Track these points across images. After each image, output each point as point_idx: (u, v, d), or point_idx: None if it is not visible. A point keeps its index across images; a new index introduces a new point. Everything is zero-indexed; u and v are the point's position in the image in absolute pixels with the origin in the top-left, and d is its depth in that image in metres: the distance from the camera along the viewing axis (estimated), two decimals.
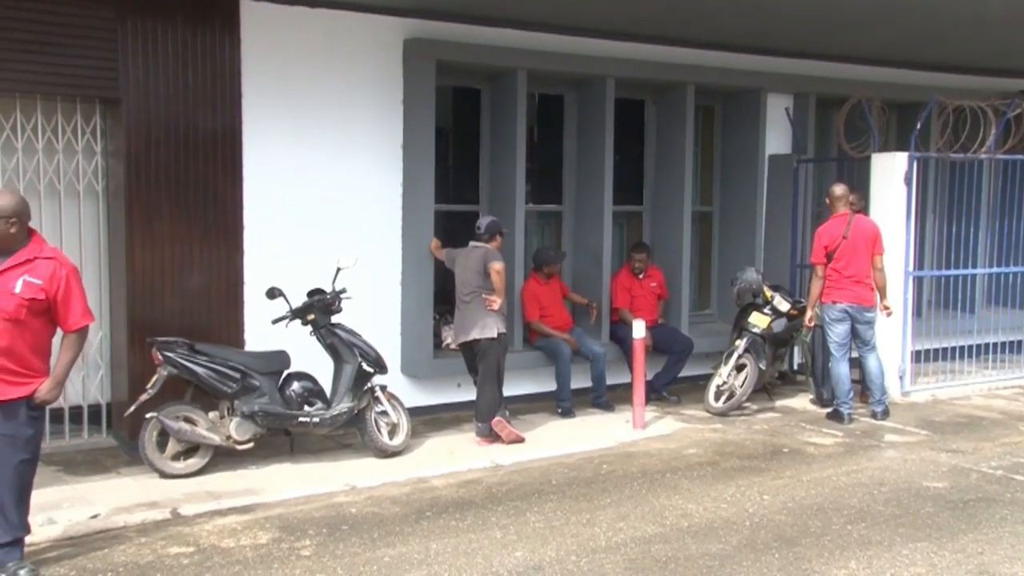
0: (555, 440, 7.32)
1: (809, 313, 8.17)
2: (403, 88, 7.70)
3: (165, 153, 6.69)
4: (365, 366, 6.69)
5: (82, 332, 4.60)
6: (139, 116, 6.59)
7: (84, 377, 7.03)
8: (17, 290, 4.34)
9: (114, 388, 7.09)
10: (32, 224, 4.37)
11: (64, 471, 6.30)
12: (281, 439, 6.74)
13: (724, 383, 8.27)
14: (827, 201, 8.22)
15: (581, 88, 8.83)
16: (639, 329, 7.66)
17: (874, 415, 8.03)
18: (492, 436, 7.14)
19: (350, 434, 7.01)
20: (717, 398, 8.28)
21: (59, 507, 5.45)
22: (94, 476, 6.22)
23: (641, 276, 8.85)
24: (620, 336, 8.65)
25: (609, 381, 8.43)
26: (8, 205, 4.41)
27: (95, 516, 5.39)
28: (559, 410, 8.12)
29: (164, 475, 6.14)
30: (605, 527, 5.35)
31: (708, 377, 8.53)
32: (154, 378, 6.18)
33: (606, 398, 8.36)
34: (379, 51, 7.60)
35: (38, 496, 4.82)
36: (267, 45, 7.09)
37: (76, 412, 7.01)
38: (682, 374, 8.84)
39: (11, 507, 4.47)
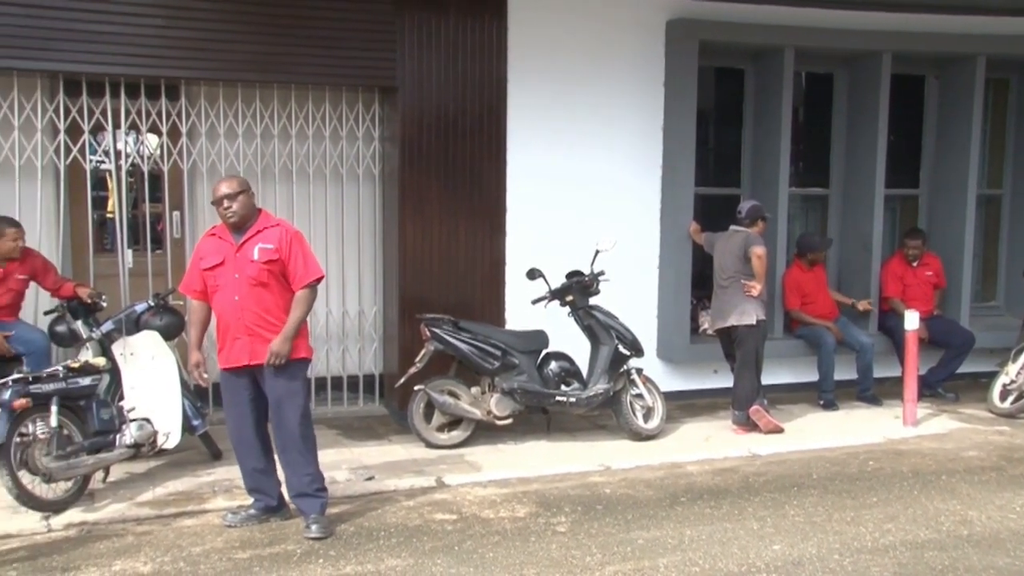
0: (816, 432, 7.01)
1: None
2: (664, 70, 7.62)
3: (435, 138, 7.03)
4: (622, 348, 6.72)
5: (312, 288, 4.90)
6: (413, 103, 6.96)
7: (360, 349, 7.57)
8: (255, 257, 4.79)
9: (386, 360, 7.58)
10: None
11: (343, 435, 6.83)
12: (538, 417, 6.91)
13: (1012, 382, 7.56)
14: None
15: (853, 65, 8.35)
16: (912, 320, 7.16)
17: None
18: (749, 425, 6.96)
19: (605, 415, 7.08)
20: (1003, 398, 7.59)
21: (339, 468, 5.90)
22: (368, 441, 6.69)
23: (915, 264, 8.28)
24: (890, 327, 8.14)
25: (877, 374, 7.97)
26: (245, 181, 4.91)
27: (370, 479, 5.78)
28: (821, 402, 7.77)
29: (429, 445, 6.48)
30: (871, 527, 5.06)
31: (992, 375, 7.83)
32: (422, 352, 6.53)
33: (873, 391, 7.92)
34: (641, 33, 7.57)
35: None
36: (531, 31, 7.24)
37: (353, 382, 7.57)
38: (961, 370, 8.19)
39: (300, 462, 4.89)
